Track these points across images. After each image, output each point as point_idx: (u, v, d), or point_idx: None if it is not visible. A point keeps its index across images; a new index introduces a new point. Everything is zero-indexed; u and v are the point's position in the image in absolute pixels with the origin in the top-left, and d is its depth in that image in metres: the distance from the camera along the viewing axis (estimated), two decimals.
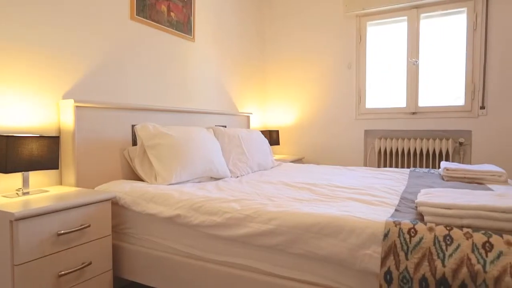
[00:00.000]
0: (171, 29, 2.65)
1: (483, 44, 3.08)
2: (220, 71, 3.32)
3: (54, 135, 1.88)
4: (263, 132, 3.71)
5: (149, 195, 1.77)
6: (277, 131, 3.88)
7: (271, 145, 3.76)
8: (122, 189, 1.85)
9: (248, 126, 3.66)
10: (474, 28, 3.12)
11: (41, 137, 1.63)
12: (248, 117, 3.66)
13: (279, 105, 4.07)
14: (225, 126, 3.18)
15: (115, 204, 1.83)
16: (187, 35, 2.83)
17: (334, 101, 3.74)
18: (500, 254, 1.06)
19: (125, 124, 2.20)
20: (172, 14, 2.65)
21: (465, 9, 3.16)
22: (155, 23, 2.50)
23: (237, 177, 2.49)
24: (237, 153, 2.66)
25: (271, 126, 4.13)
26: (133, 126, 2.26)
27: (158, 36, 2.55)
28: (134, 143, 2.26)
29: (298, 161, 3.79)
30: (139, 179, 2.17)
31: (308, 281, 1.38)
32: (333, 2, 3.69)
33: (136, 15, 2.35)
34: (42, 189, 1.74)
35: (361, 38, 3.60)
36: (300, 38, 3.90)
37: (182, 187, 1.95)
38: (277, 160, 3.42)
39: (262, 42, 4.08)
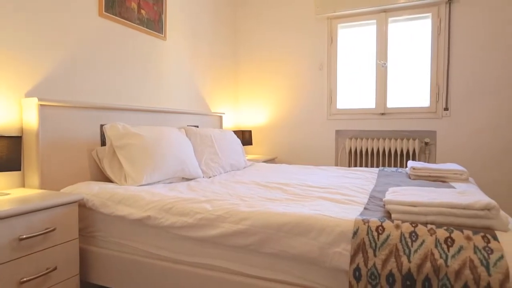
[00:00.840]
0: (142, 27, 2.60)
1: (446, 48, 3.22)
2: (193, 70, 3.28)
3: (15, 135, 1.79)
4: (236, 132, 3.71)
5: (119, 197, 1.72)
6: (250, 131, 3.88)
7: (243, 145, 3.76)
8: (90, 190, 1.80)
9: (221, 126, 3.65)
10: (438, 32, 3.25)
11: (1, 137, 1.56)
12: (221, 117, 3.65)
13: (252, 105, 4.08)
14: (197, 126, 3.15)
15: (83, 206, 1.77)
16: (159, 34, 2.78)
17: (306, 101, 3.79)
18: (460, 249, 1.11)
19: (93, 124, 2.14)
20: (142, 11, 2.59)
21: (429, 14, 3.29)
22: (124, 20, 2.44)
23: (210, 177, 2.48)
24: (210, 153, 2.64)
25: (244, 126, 4.13)
26: (101, 125, 2.19)
27: (128, 34, 2.49)
28: (103, 143, 2.20)
29: (271, 161, 3.82)
30: (108, 180, 2.11)
31: (280, 280, 1.39)
32: (305, 4, 3.74)
33: (105, 11, 2.28)
34: (3, 192, 1.65)
35: (332, 40, 3.67)
36: (272, 39, 3.92)
37: (153, 188, 1.92)
38: (249, 160, 3.43)
39: (235, 42, 4.07)
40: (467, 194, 1.43)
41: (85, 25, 2.17)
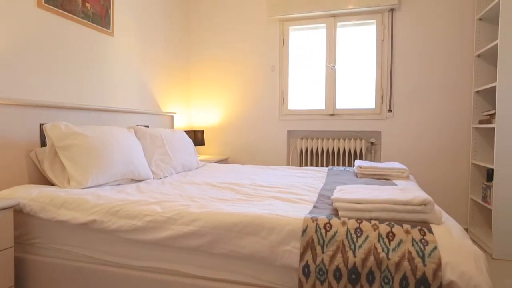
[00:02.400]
0: (87, 21, 2.47)
1: (389, 54, 3.41)
2: (143, 68, 3.18)
3: None
4: (188, 132, 3.65)
5: (60, 201, 1.62)
6: (202, 131, 3.84)
7: (196, 145, 3.72)
8: (28, 194, 1.67)
9: (172, 126, 3.57)
10: (382, 38, 3.44)
11: None
12: (172, 116, 3.57)
13: (204, 105, 4.04)
14: (148, 126, 3.06)
15: (19, 212, 1.64)
16: (106, 29, 2.66)
17: (259, 102, 3.83)
18: (400, 242, 1.19)
19: (32, 123, 1.99)
20: (87, 5, 2.46)
21: (374, 21, 3.46)
22: (67, 13, 2.30)
23: (160, 178, 2.42)
24: (160, 154, 2.57)
25: (196, 126, 4.08)
26: (41, 125, 2.05)
27: (72, 28, 2.35)
28: (43, 144, 2.06)
29: (223, 161, 3.81)
30: (49, 183, 1.98)
31: (232, 280, 1.39)
32: (257, 5, 3.77)
33: (45, 2, 2.14)
34: None
35: (284, 42, 3.74)
36: (225, 40, 3.91)
37: (99, 190, 1.83)
38: (202, 160, 3.39)
39: (187, 41, 4.01)
40: (407, 191, 1.53)
41: (22, 17, 2.01)
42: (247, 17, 3.82)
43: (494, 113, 2.72)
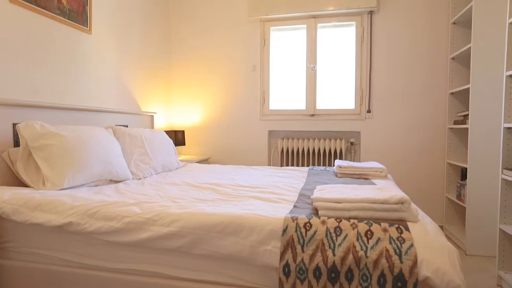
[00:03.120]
0: (63, 18, 2.40)
1: (368, 55, 3.47)
2: (122, 67, 3.12)
3: None
4: (168, 132, 3.61)
5: (35, 203, 1.58)
6: (183, 131, 3.81)
7: (176, 145, 3.68)
8: (0, 197, 1.61)
9: (152, 126, 3.52)
10: (362, 40, 3.49)
11: None
12: (152, 116, 3.53)
13: (185, 105, 4.00)
14: (127, 126, 3.01)
15: None
16: (83, 26, 2.59)
17: (240, 102, 3.82)
18: (378, 240, 1.21)
19: (4, 123, 1.92)
20: (63, 1, 2.40)
21: (354, 23, 3.52)
22: (41, 9, 2.23)
23: (140, 179, 2.38)
24: (140, 154, 2.53)
25: (177, 126, 4.04)
26: (14, 124, 1.98)
27: (47, 25, 2.29)
28: (17, 144, 1.99)
29: (204, 161, 3.78)
30: (23, 184, 1.91)
31: (212, 281, 1.38)
32: (239, 5, 3.77)
33: None
34: None
35: (265, 42, 3.75)
36: (207, 39, 3.89)
37: (76, 192, 1.79)
38: (182, 160, 3.36)
39: (168, 40, 3.96)
40: (385, 190, 1.56)
41: None
42: (228, 17, 3.81)
43: (468, 114, 2.80)
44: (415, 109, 3.39)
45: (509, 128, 2.11)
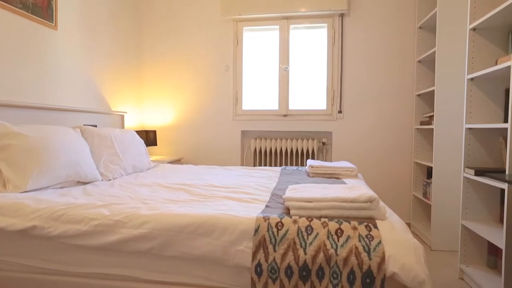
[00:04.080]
0: (25, 12, 2.29)
1: (339, 57, 3.54)
2: (90, 65, 3.02)
3: None
4: (139, 132, 3.53)
5: None
6: (155, 131, 3.74)
7: (148, 145, 3.61)
8: None
9: (122, 126, 3.44)
10: (333, 42, 3.56)
11: None
12: (122, 116, 3.44)
13: (157, 104, 3.93)
14: (96, 126, 2.92)
15: None
16: (48, 22, 2.49)
17: (213, 102, 3.80)
18: (348, 238, 1.24)
19: None
20: None
21: (325, 24, 3.58)
22: (1, 2, 2.12)
23: (109, 180, 2.32)
24: (109, 155, 2.46)
25: (148, 126, 3.96)
26: None
27: (7, 19, 2.18)
28: None
29: (177, 162, 3.73)
30: None
31: (184, 282, 1.37)
32: (211, 5, 3.74)
33: None
34: None
35: (238, 42, 3.74)
36: (179, 38, 3.84)
37: (40, 194, 1.72)
38: (154, 161, 3.30)
39: (139, 39, 3.87)
40: (355, 189, 1.60)
41: None
42: (200, 16, 3.78)
43: (433, 115, 2.92)
44: (384, 110, 3.50)
45: (470, 128, 2.22)
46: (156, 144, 3.74)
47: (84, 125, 2.73)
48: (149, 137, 3.65)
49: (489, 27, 2.14)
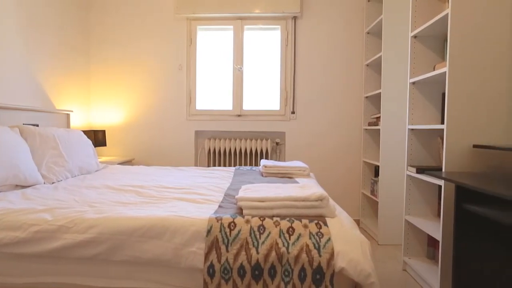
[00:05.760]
0: None
1: (292, 58, 3.62)
2: (32, 60, 2.82)
3: None
4: (87, 132, 3.36)
5: None
6: (104, 131, 3.58)
7: (96, 146, 3.44)
8: None
9: (68, 126, 3.25)
10: (286, 44, 3.63)
11: None
12: (68, 115, 3.25)
13: (106, 103, 3.76)
14: (37, 125, 2.73)
15: None
16: None
17: (165, 101, 3.71)
18: (299, 236, 1.27)
19: None
20: None
21: (279, 26, 3.64)
22: None
23: (53, 183, 2.18)
24: (53, 156, 2.32)
25: (97, 125, 3.78)
26: None
27: None
28: None
29: (127, 162, 3.60)
30: None
31: (136, 287, 1.32)
32: (164, 2, 3.66)
33: None
34: None
35: (191, 41, 3.69)
36: (129, 36, 3.70)
37: None
38: (102, 162, 3.16)
39: (88, 35, 3.68)
40: (306, 188, 1.64)
41: None
42: (153, 13, 3.68)
43: (380, 116, 3.08)
44: (335, 111, 3.62)
45: (412, 129, 2.37)
46: (105, 145, 3.58)
47: (23, 124, 2.55)
48: (97, 137, 3.48)
49: (428, 35, 2.29)
